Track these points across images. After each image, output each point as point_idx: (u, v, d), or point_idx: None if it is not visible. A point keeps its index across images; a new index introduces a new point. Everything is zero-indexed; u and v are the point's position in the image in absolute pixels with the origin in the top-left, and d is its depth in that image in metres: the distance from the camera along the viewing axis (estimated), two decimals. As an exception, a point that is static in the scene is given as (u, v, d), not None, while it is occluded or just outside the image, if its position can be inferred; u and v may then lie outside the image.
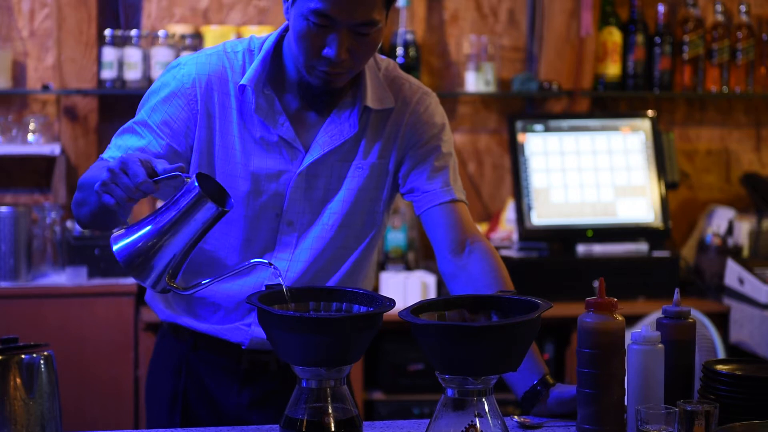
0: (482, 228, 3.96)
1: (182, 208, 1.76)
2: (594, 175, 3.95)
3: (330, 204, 2.09)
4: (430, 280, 3.73)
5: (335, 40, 1.92)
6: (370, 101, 2.06)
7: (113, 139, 2.06)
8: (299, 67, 2.00)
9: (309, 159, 2.05)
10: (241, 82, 2.02)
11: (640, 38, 4.15)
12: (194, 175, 1.76)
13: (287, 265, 2.08)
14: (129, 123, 2.06)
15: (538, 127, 3.96)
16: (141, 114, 2.06)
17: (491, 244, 2.14)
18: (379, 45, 1.99)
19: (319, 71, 1.96)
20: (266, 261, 1.91)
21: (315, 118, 2.07)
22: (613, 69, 4.15)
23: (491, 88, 4.10)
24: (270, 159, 2.05)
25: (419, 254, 3.98)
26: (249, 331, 2.11)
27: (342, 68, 1.96)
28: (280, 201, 2.07)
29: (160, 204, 1.84)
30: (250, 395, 2.15)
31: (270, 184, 2.06)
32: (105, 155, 2.03)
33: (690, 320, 1.94)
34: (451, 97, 4.16)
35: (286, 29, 2.06)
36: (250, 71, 2.03)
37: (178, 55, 3.87)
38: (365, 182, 2.10)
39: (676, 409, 1.78)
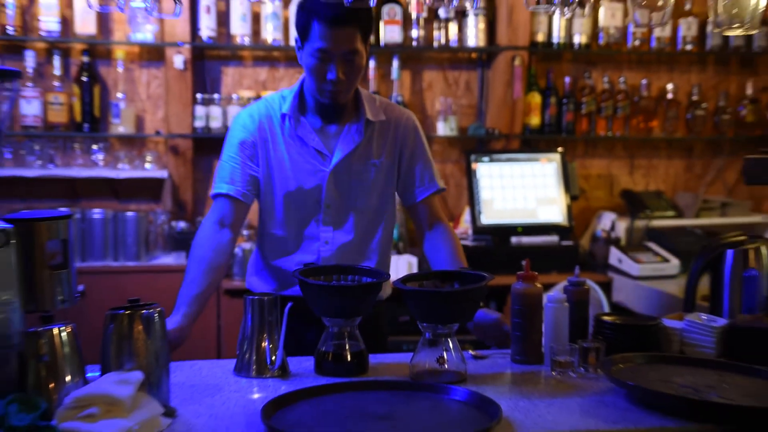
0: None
1: None
2: (523, 191, 3.96)
3: (355, 191, 2.11)
4: (414, 260, 3.73)
5: (333, 67, 1.96)
6: (369, 114, 2.09)
7: (215, 174, 2.08)
8: (313, 94, 2.04)
9: (335, 160, 2.07)
10: (282, 111, 2.07)
11: (553, 100, 4.15)
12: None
13: (332, 236, 2.10)
14: (220, 162, 2.09)
15: (486, 159, 3.95)
16: (225, 152, 2.09)
17: (452, 228, 2.22)
18: (363, 68, 2.01)
19: (326, 92, 2.00)
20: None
21: (333, 131, 2.09)
22: (535, 120, 4.16)
23: (454, 133, 4.10)
24: (309, 163, 2.08)
25: (406, 243, 3.98)
26: None
27: (341, 86, 1.99)
28: (319, 191, 2.08)
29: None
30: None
31: (310, 180, 2.08)
32: (214, 192, 2.06)
33: (586, 287, 1.95)
34: (428, 139, 4.14)
35: (302, 81, 2.10)
36: (287, 104, 2.08)
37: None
38: (376, 175, 2.12)
39: (577, 346, 1.79)
